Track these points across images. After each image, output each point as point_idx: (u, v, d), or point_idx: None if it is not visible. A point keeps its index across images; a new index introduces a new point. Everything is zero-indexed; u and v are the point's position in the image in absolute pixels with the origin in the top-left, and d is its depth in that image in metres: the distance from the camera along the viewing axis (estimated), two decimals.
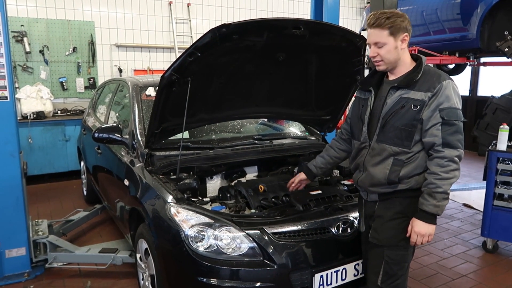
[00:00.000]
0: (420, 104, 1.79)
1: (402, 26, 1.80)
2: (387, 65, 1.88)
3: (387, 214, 1.92)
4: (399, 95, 1.85)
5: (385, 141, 1.90)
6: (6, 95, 2.90)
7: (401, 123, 1.84)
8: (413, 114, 1.80)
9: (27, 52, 5.80)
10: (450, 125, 1.75)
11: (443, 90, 1.76)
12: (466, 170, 6.60)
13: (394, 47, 1.82)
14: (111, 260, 3.06)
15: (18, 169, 3.01)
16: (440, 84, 1.77)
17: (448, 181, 1.75)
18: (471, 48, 4.82)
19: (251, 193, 2.46)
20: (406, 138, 1.83)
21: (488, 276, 3.16)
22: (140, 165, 2.73)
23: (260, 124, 3.81)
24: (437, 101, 1.76)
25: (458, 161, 1.76)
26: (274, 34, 2.26)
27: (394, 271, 1.91)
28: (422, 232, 1.81)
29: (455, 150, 1.75)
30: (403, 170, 1.85)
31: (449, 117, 1.75)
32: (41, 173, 5.59)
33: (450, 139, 1.75)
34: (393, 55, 1.84)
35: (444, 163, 1.75)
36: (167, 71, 2.26)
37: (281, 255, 2.05)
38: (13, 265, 3.05)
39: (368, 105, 1.97)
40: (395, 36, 1.80)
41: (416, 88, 1.81)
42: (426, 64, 1.87)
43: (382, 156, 1.90)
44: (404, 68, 1.87)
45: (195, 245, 2.05)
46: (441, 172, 1.74)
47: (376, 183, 1.93)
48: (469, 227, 4.14)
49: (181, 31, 7.00)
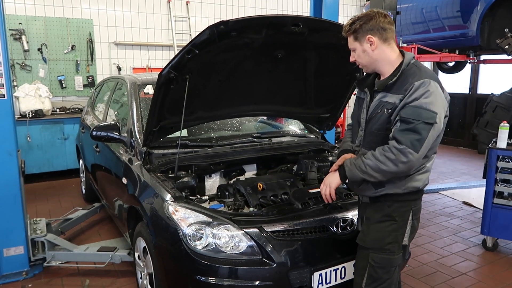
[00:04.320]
0: (392, 108, 1.75)
1: (364, 29, 1.76)
2: (365, 67, 1.87)
3: (374, 216, 1.89)
4: (379, 99, 1.83)
5: (365, 146, 1.91)
6: (3, 93, 2.88)
7: (376, 128, 1.83)
8: (386, 118, 1.78)
9: (26, 50, 5.77)
10: (406, 123, 1.67)
11: (413, 90, 1.68)
12: (466, 168, 6.59)
13: (362, 51, 1.80)
14: (109, 259, 3.05)
15: (16, 167, 3.00)
16: (412, 85, 1.70)
17: (375, 161, 1.72)
18: (471, 45, 4.82)
19: (249, 191, 2.45)
20: (382, 142, 1.79)
21: (487, 274, 3.15)
22: (138, 163, 2.72)
23: (259, 122, 3.79)
24: (404, 101, 1.70)
25: (397, 154, 1.66)
26: (273, 31, 2.24)
27: (379, 275, 1.86)
28: (326, 181, 1.95)
29: (398, 145, 1.67)
30: None
31: (406, 115, 1.67)
32: (40, 171, 5.57)
33: (398, 134, 1.68)
34: (365, 59, 1.82)
35: (385, 147, 1.72)
36: (165, 69, 2.25)
37: (280, 254, 2.03)
38: (11, 264, 3.03)
39: (364, 107, 1.94)
40: (359, 41, 1.79)
41: (393, 91, 1.77)
42: (414, 61, 1.80)
43: None
44: (389, 67, 1.81)
45: (193, 243, 2.04)
46: (377, 151, 1.74)
47: (362, 188, 1.92)
48: (469, 225, 4.13)
49: (180, 29, 6.98)
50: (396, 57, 1.81)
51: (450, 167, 6.61)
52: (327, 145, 3.30)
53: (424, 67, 1.81)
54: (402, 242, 1.86)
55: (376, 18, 1.76)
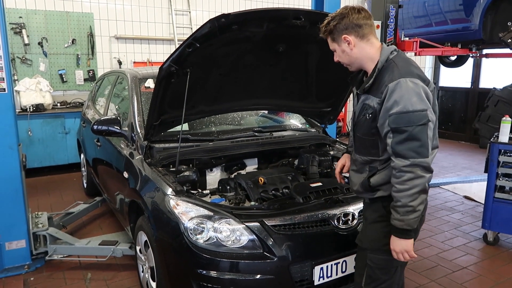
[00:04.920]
0: (373, 112, 1.67)
1: (338, 29, 1.70)
2: (349, 66, 1.81)
3: (371, 216, 1.84)
4: (362, 101, 1.76)
5: (356, 151, 1.86)
6: (4, 87, 2.88)
7: (362, 133, 1.77)
8: (369, 122, 1.70)
9: (26, 44, 5.75)
10: (400, 133, 1.56)
11: (390, 93, 1.58)
12: (467, 162, 6.59)
13: (341, 51, 1.75)
14: (111, 253, 3.06)
15: (17, 161, 3.00)
16: (386, 87, 1.60)
17: (406, 192, 1.58)
18: (474, 39, 4.79)
19: (250, 185, 2.45)
20: (372, 146, 1.74)
21: (488, 268, 3.16)
22: (139, 157, 2.72)
23: (260, 116, 3.79)
24: (384, 106, 1.60)
25: (412, 170, 1.56)
26: (274, 24, 2.23)
27: (378, 276, 1.81)
28: (397, 249, 1.68)
29: (405, 160, 1.56)
30: (374, 178, 1.75)
31: (396, 124, 1.56)
32: (41, 165, 5.58)
33: (399, 148, 1.58)
34: (346, 58, 1.76)
35: (396, 174, 1.60)
36: (165, 62, 2.23)
37: (281, 248, 2.04)
38: (13, 258, 3.05)
39: (354, 107, 1.91)
40: (337, 41, 1.74)
41: (372, 93, 1.69)
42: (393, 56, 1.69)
43: (356, 165, 1.86)
44: (371, 65, 1.73)
45: (195, 237, 2.04)
46: (396, 184, 1.61)
47: (357, 191, 1.88)
48: (470, 220, 4.13)
49: (180, 22, 6.95)
50: (375, 52, 1.71)
51: (452, 162, 6.60)
52: (328, 139, 3.29)
53: (402, 62, 1.68)
54: None
55: (348, 15, 1.68)
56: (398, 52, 1.73)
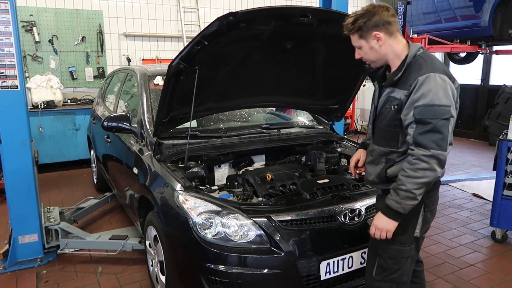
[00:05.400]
0: (398, 104, 1.73)
1: (368, 26, 1.73)
2: (374, 63, 1.85)
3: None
4: (387, 94, 1.81)
5: (375, 142, 1.92)
6: (17, 84, 2.94)
7: (384, 124, 1.82)
8: (393, 114, 1.76)
9: (37, 42, 5.84)
10: (424, 124, 1.63)
11: (418, 86, 1.65)
12: (477, 160, 6.54)
13: (369, 48, 1.78)
14: (121, 247, 3.11)
15: (30, 157, 3.06)
16: (416, 80, 1.66)
17: (414, 179, 1.65)
18: (483, 36, 4.75)
19: (258, 182, 2.48)
20: (392, 138, 1.80)
21: (496, 266, 3.15)
22: (148, 153, 2.76)
23: (268, 113, 3.81)
24: (411, 98, 1.67)
25: (429, 161, 1.63)
26: (282, 22, 2.25)
27: (389, 265, 1.87)
28: (379, 226, 1.78)
29: (425, 150, 1.63)
30: (391, 169, 1.82)
31: (422, 116, 1.63)
32: (52, 161, 5.68)
33: (421, 138, 1.64)
34: (373, 55, 1.80)
35: (412, 160, 1.66)
36: (174, 60, 2.27)
37: (288, 243, 2.06)
38: (26, 251, 3.13)
39: (374, 101, 1.95)
40: (366, 38, 1.76)
41: (399, 86, 1.75)
42: (421, 52, 1.76)
43: (373, 156, 1.92)
44: (397, 61, 1.79)
45: (203, 232, 2.08)
46: (408, 169, 1.67)
47: (372, 182, 1.94)
48: (478, 217, 4.11)
49: (189, 20, 6.98)
50: (402, 49, 1.78)
51: (460, 159, 6.56)
52: (335, 136, 3.31)
53: (430, 58, 1.76)
54: (413, 234, 1.84)
55: (379, 13, 1.72)
56: (424, 50, 1.80)
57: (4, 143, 2.96)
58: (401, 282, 1.90)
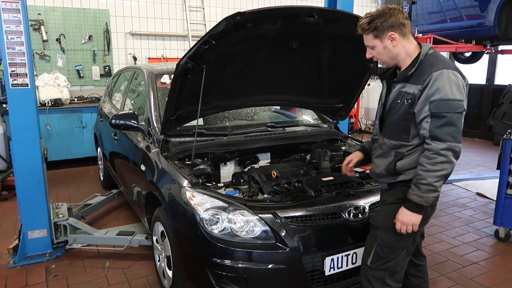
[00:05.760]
0: (412, 98, 1.80)
1: (384, 26, 1.80)
2: (385, 63, 1.92)
3: (389, 199, 1.98)
4: (398, 89, 1.89)
5: (385, 135, 1.97)
6: (27, 82, 2.99)
7: (397, 117, 1.88)
8: (406, 108, 1.83)
9: (44, 41, 5.91)
10: (439, 118, 1.71)
11: (433, 81, 1.73)
12: (481, 159, 6.54)
13: (383, 47, 1.84)
14: (128, 243, 3.16)
15: (39, 154, 3.12)
16: (430, 75, 1.75)
17: (434, 173, 1.73)
18: (488, 35, 4.75)
19: (264, 179, 2.52)
20: (403, 131, 1.87)
21: (499, 264, 3.18)
22: (156, 150, 2.81)
23: (273, 112, 3.84)
24: (426, 93, 1.75)
25: (446, 154, 1.72)
26: (288, 22, 2.28)
27: (385, 254, 1.94)
28: (405, 221, 1.83)
29: (442, 143, 1.71)
30: (401, 162, 1.88)
31: (437, 110, 1.71)
32: (59, 159, 5.74)
33: (437, 132, 1.72)
34: (386, 55, 1.86)
35: (430, 155, 1.74)
36: (182, 59, 2.31)
37: (293, 239, 2.10)
38: (36, 246, 3.19)
39: (382, 98, 2.04)
40: (380, 38, 1.82)
41: (411, 81, 1.83)
42: (432, 51, 1.85)
43: (383, 149, 1.98)
44: (408, 59, 1.87)
45: (210, 227, 2.12)
46: (426, 164, 1.75)
47: (379, 175, 2.00)
48: (482, 216, 4.13)
49: (194, 19, 7.03)
50: (414, 49, 1.86)
51: (465, 159, 6.56)
52: (340, 135, 3.34)
53: (442, 57, 1.85)
54: None
55: (395, 15, 1.80)
56: (435, 50, 1.89)
57: (15, 140, 3.02)
58: (394, 271, 1.97)
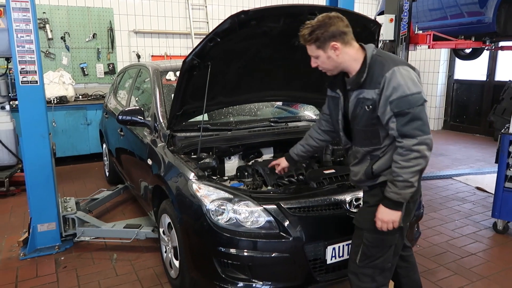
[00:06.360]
0: (372, 103, 1.79)
1: (326, 37, 1.77)
2: (330, 71, 1.90)
3: (371, 200, 1.96)
4: (356, 97, 1.86)
5: (357, 144, 1.96)
6: (36, 80, 3.08)
7: (362, 125, 1.87)
8: (369, 114, 1.81)
9: (49, 39, 5.99)
10: (403, 115, 1.71)
11: (387, 82, 1.73)
12: (481, 155, 6.61)
13: (327, 57, 1.82)
14: (135, 235, 3.25)
15: (48, 149, 3.21)
16: (383, 77, 1.74)
17: (409, 169, 1.73)
18: (487, 32, 4.80)
19: (267, 172, 2.60)
20: (373, 136, 1.86)
21: (497, 255, 3.26)
22: (162, 145, 2.89)
23: (276, 108, 3.92)
24: (384, 95, 1.74)
25: (419, 149, 1.71)
26: (290, 20, 2.35)
27: (372, 253, 1.93)
28: (385, 219, 1.83)
29: (412, 139, 1.71)
30: (376, 164, 1.88)
31: (399, 108, 1.71)
32: (65, 155, 5.84)
33: (405, 129, 1.71)
34: (330, 64, 1.84)
35: (403, 152, 1.73)
36: (188, 56, 2.39)
37: (296, 228, 2.18)
38: (45, 239, 3.28)
39: (340, 108, 2.00)
40: (323, 48, 1.80)
41: (367, 87, 1.80)
42: (376, 51, 1.83)
43: (359, 157, 1.97)
44: (355, 65, 1.84)
45: (216, 218, 2.20)
46: (400, 161, 1.74)
47: (359, 181, 2.00)
48: (481, 209, 4.21)
49: (197, 17, 7.10)
50: (357, 52, 1.84)
51: (465, 154, 6.64)
52: None
53: (387, 54, 1.85)
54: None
55: (335, 24, 1.78)
56: (377, 48, 1.88)
57: (25, 136, 3.11)
58: (384, 268, 1.96)
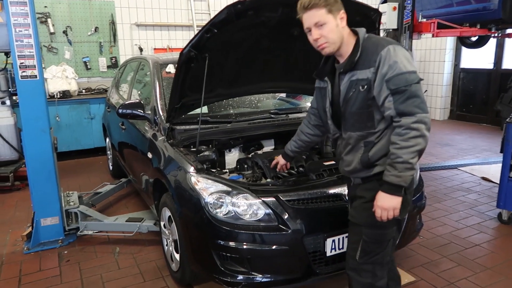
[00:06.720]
0: (367, 83, 1.73)
1: (339, 3, 1.73)
2: (332, 46, 1.77)
3: (368, 195, 1.86)
4: (349, 79, 1.79)
5: (349, 129, 1.87)
6: (36, 74, 3.08)
7: (356, 107, 1.79)
8: (364, 94, 1.75)
9: (52, 33, 5.99)
10: (401, 93, 1.65)
11: (383, 60, 1.68)
12: (487, 144, 6.53)
13: (335, 25, 1.73)
14: (137, 229, 3.26)
15: (49, 144, 3.22)
16: (378, 55, 1.69)
17: (408, 149, 1.65)
18: (493, 19, 4.71)
19: (267, 164, 2.58)
20: (367, 119, 1.78)
21: (501, 246, 3.22)
22: (162, 138, 2.88)
23: (277, 99, 3.89)
24: (380, 73, 1.68)
25: (418, 127, 1.64)
26: (289, 9, 2.30)
27: (372, 249, 1.87)
28: (385, 205, 1.73)
29: (411, 117, 1.65)
30: (372, 151, 1.80)
31: (396, 86, 1.65)
32: (69, 150, 5.87)
33: (403, 107, 1.66)
34: (336, 34, 1.74)
35: (402, 131, 1.67)
36: (185, 48, 2.36)
37: (295, 221, 2.17)
38: (48, 233, 3.31)
39: (327, 96, 1.93)
40: (334, 14, 1.72)
41: (360, 67, 1.75)
42: (367, 36, 1.79)
43: (351, 143, 1.88)
44: (348, 47, 1.79)
45: (215, 211, 2.19)
46: (399, 141, 1.67)
47: (353, 170, 1.90)
48: (486, 200, 4.16)
49: (199, 8, 7.04)
50: (349, 35, 1.80)
51: (471, 144, 6.56)
52: None
53: (380, 36, 1.84)
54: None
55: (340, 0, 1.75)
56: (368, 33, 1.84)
57: (25, 131, 3.12)
58: (383, 262, 1.92)
